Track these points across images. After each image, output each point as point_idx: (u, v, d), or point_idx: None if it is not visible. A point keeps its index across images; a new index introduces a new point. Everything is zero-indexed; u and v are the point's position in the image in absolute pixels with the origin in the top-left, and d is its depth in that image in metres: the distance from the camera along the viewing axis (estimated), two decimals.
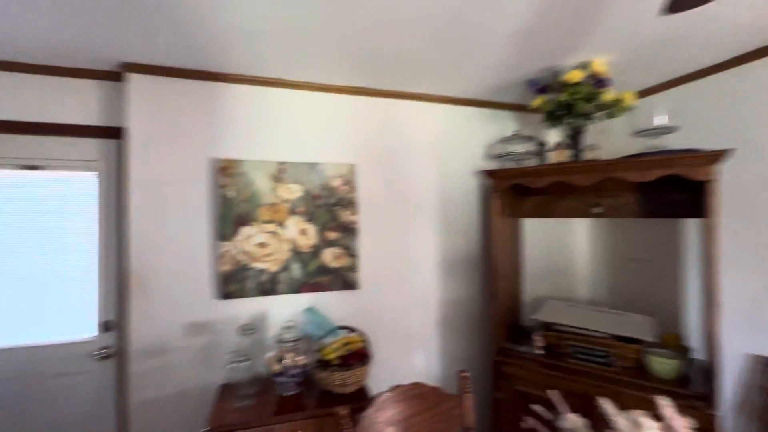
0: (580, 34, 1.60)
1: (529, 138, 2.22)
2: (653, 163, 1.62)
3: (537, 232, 2.44)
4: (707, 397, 1.51)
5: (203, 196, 1.92)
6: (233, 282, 1.93)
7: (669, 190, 1.87)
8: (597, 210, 2.08)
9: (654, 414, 0.90)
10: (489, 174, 2.11)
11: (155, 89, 1.86)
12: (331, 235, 2.09)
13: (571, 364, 1.85)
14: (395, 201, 2.24)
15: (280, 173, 2.01)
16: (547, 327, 2.02)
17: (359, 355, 1.80)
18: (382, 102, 2.21)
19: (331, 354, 1.76)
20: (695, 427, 0.90)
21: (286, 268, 2.01)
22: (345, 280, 2.11)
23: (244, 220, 1.95)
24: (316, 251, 2.06)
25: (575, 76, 1.79)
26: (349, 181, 2.12)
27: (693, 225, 1.97)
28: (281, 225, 2.01)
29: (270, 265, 1.99)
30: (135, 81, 1.84)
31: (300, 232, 2.04)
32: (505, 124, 2.44)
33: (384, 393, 1.24)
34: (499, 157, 2.31)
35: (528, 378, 1.94)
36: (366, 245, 2.16)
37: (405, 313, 2.25)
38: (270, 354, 1.78)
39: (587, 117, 1.88)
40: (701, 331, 1.85)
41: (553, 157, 1.97)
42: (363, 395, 1.75)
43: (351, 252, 2.12)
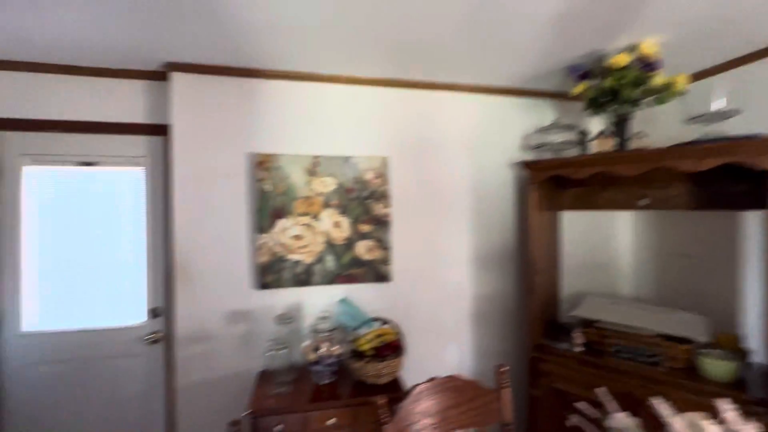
0: (627, 14, 1.51)
1: (569, 127, 2.12)
2: (710, 151, 1.51)
3: (576, 225, 2.34)
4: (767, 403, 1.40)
5: (242, 189, 1.99)
6: (270, 273, 1.99)
7: (726, 179, 1.74)
8: (643, 202, 1.97)
9: (711, 418, 0.84)
10: (526, 165, 2.05)
11: (197, 87, 1.94)
12: (364, 228, 2.10)
13: (614, 362, 1.77)
14: (428, 194, 2.22)
15: (314, 167, 2.04)
16: (587, 324, 1.94)
17: (393, 347, 1.81)
18: (415, 93, 2.19)
19: (366, 345, 1.78)
20: None
21: (320, 259, 2.05)
22: (378, 272, 2.12)
23: (280, 213, 2.00)
24: (349, 243, 2.08)
25: (621, 59, 1.69)
26: (382, 174, 2.12)
27: (753, 218, 1.82)
28: (316, 218, 2.04)
29: (305, 257, 2.03)
30: (178, 80, 1.92)
31: (334, 224, 2.07)
32: (543, 113, 2.35)
33: (420, 384, 1.23)
34: (537, 148, 2.23)
35: (567, 376, 1.88)
36: (398, 238, 2.16)
37: (437, 307, 2.23)
38: (306, 343, 1.82)
39: (634, 103, 1.77)
40: (761, 332, 1.71)
41: (596, 147, 1.88)
42: (397, 387, 1.76)
43: (384, 245, 2.12)
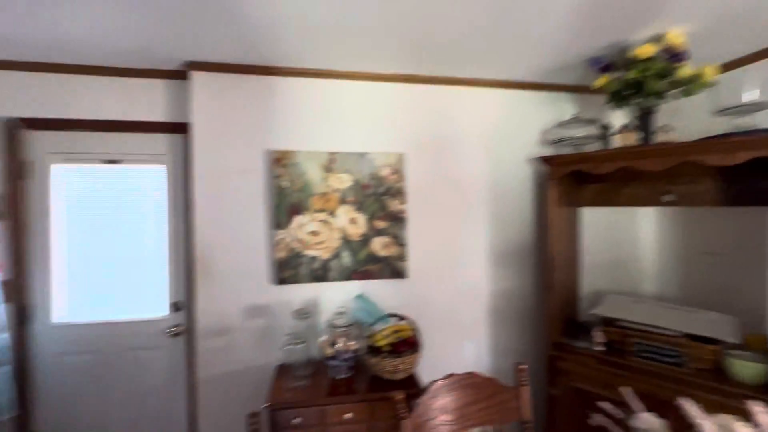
0: (652, 3, 1.46)
1: (591, 121, 2.07)
2: (741, 144, 1.44)
3: (596, 222, 2.29)
4: None
5: (260, 186, 2.02)
6: (288, 268, 2.02)
7: (756, 174, 1.67)
8: (668, 198, 1.91)
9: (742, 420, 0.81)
10: (545, 160, 2.01)
11: (215, 85, 1.97)
12: (380, 224, 2.10)
13: (636, 362, 1.73)
14: (445, 190, 2.20)
15: (330, 163, 2.05)
16: (608, 322, 1.90)
17: (409, 343, 1.81)
18: (431, 89, 2.17)
19: (382, 341, 1.79)
20: None
21: (336, 255, 2.06)
22: (394, 268, 2.12)
23: (297, 209, 2.02)
24: (365, 240, 2.09)
25: (646, 50, 1.64)
26: (398, 170, 2.12)
27: None
28: (332, 214, 2.06)
29: (322, 253, 2.05)
30: (197, 78, 1.95)
31: (350, 221, 2.07)
32: (563, 107, 2.30)
33: (438, 381, 1.23)
34: (556, 143, 2.18)
35: (586, 375, 1.84)
36: (415, 234, 2.15)
37: (454, 304, 2.22)
38: (323, 338, 1.84)
39: (659, 96, 1.71)
40: None
41: (618, 141, 1.83)
42: (413, 383, 1.76)
43: (400, 241, 2.12)
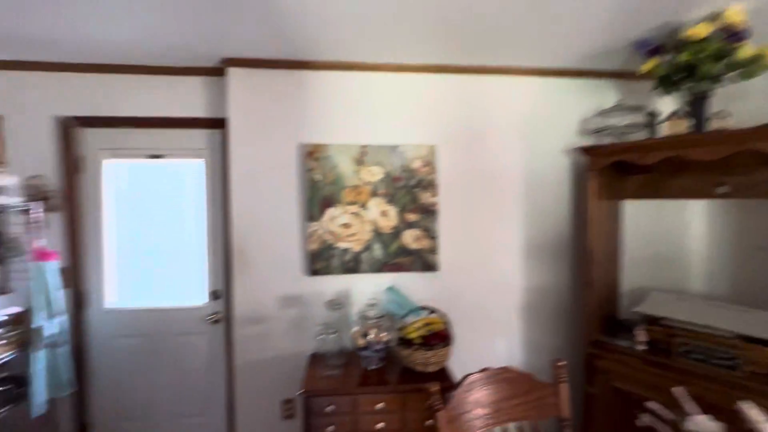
0: None
1: (635, 108, 1.95)
2: None
3: (639, 215, 2.17)
4: None
5: (293, 179, 2.06)
6: (320, 260, 2.05)
7: None
8: (722, 190, 1.78)
9: None
10: (585, 151, 1.92)
11: (251, 81, 2.02)
12: (412, 217, 2.09)
13: (683, 364, 1.64)
14: (477, 182, 2.16)
15: (362, 156, 2.06)
16: (652, 321, 1.81)
17: (441, 336, 1.81)
18: (464, 79, 2.12)
19: (413, 333, 1.79)
20: None
21: (368, 248, 2.08)
22: (425, 261, 2.11)
23: (329, 201, 2.05)
24: (396, 232, 2.09)
25: (701, 30, 1.52)
26: (430, 163, 2.09)
27: None
28: (363, 206, 2.07)
29: (353, 245, 2.07)
30: (234, 75, 2.01)
31: (381, 213, 2.08)
32: (604, 94, 2.18)
33: (473, 374, 1.22)
34: (597, 132, 2.08)
35: (627, 375, 1.77)
36: (446, 227, 2.13)
37: (486, 298, 2.19)
38: (355, 329, 1.87)
39: (714, 79, 1.59)
40: None
41: (667, 129, 1.71)
42: (445, 376, 1.76)
43: (431, 234, 2.11)
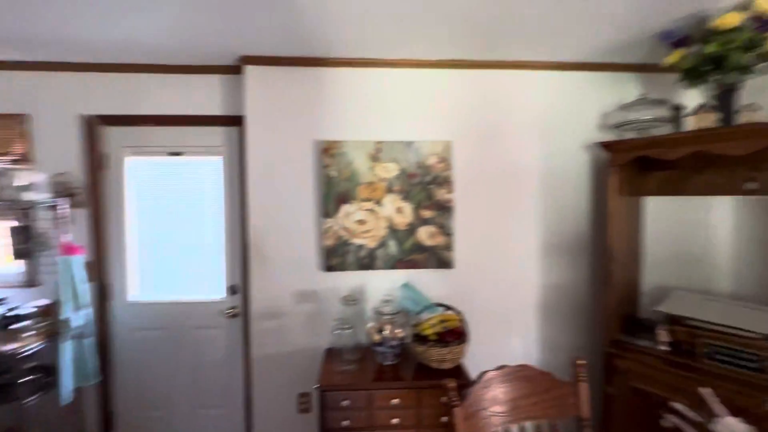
0: None
1: (659, 102, 1.89)
2: None
3: (662, 212, 2.10)
4: None
5: (309, 176, 2.07)
6: (335, 256, 2.07)
7: None
8: (751, 186, 1.71)
9: None
10: (606, 146, 1.87)
11: (267, 78, 2.04)
12: (427, 214, 2.08)
13: (708, 365, 1.59)
14: (494, 178, 2.13)
15: (377, 152, 2.06)
16: (674, 321, 1.76)
17: (456, 333, 1.80)
18: (481, 74, 2.10)
19: (429, 329, 1.79)
20: None
21: (383, 244, 2.08)
22: (440, 258, 2.10)
23: (344, 198, 2.06)
24: (411, 229, 2.08)
25: (730, 20, 1.46)
26: (445, 159, 2.08)
27: None
28: (378, 203, 2.07)
29: (368, 242, 2.07)
30: (251, 72, 2.03)
31: (396, 210, 2.08)
32: (625, 88, 2.12)
33: (490, 371, 1.21)
34: (618, 127, 2.03)
35: (648, 375, 1.72)
36: (462, 224, 2.12)
37: (502, 296, 2.17)
38: (370, 324, 1.88)
39: (744, 70, 1.53)
40: None
41: (693, 123, 1.66)
42: (460, 373, 1.75)
43: (446, 231, 2.09)
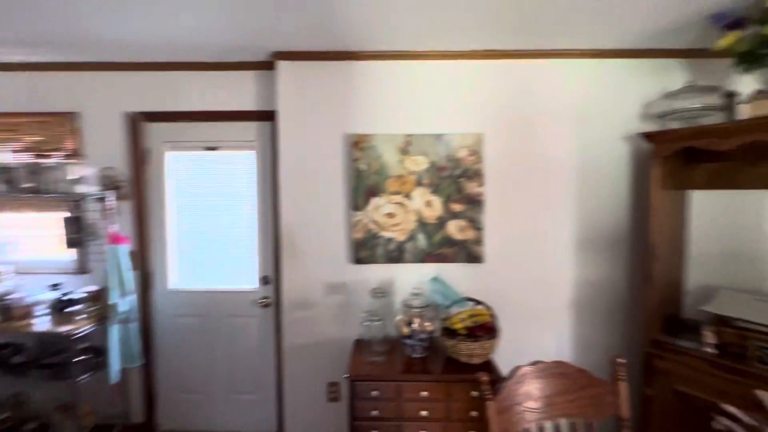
0: None
1: (709, 89, 1.77)
2: None
3: (709, 207, 1.98)
4: None
5: (339, 169, 2.10)
6: (364, 249, 2.09)
7: None
8: None
9: None
10: (649, 137, 1.78)
11: (299, 73, 2.07)
12: (456, 207, 2.06)
13: (759, 369, 1.49)
14: (526, 171, 2.08)
15: (406, 146, 2.05)
16: (722, 322, 1.66)
17: (487, 329, 1.78)
18: (514, 64, 2.04)
19: (458, 324, 1.78)
20: None
21: (412, 238, 2.08)
22: (469, 252, 2.08)
23: (374, 191, 2.07)
24: (441, 223, 2.07)
25: None
26: (476, 152, 2.04)
27: None
28: (408, 196, 2.07)
29: (397, 235, 2.08)
30: (283, 68, 2.07)
31: (425, 203, 2.07)
32: (670, 76, 2.00)
33: (523, 366, 1.19)
34: (663, 117, 1.92)
35: (692, 378, 1.64)
36: (492, 218, 2.08)
37: (533, 291, 2.12)
38: (399, 317, 1.89)
39: None
40: None
41: (749, 111, 1.54)
42: (490, 368, 1.73)
43: (476, 225, 2.06)
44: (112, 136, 2.24)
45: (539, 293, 2.12)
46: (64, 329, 1.92)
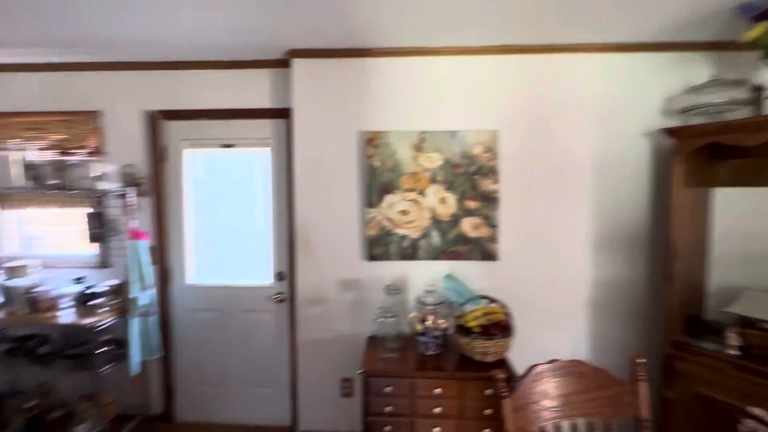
0: None
1: (737, 83, 1.71)
2: None
3: (734, 205, 1.92)
4: None
5: (353, 166, 2.10)
6: (378, 246, 2.09)
7: None
8: None
9: None
10: (671, 133, 1.73)
11: (314, 71, 2.08)
12: (471, 205, 2.05)
13: None
14: (542, 168, 2.05)
15: (420, 142, 2.04)
16: (747, 323, 1.61)
17: (501, 327, 1.76)
18: (530, 59, 2.01)
19: (473, 321, 1.77)
20: None
21: (425, 235, 2.07)
22: (484, 250, 2.06)
23: (387, 188, 2.07)
24: (455, 220, 2.06)
25: None
26: (491, 148, 2.02)
27: None
28: (422, 193, 2.06)
29: (411, 232, 2.08)
30: (298, 65, 2.08)
31: (439, 200, 2.06)
32: (694, 69, 1.94)
33: (540, 364, 1.18)
34: (686, 112, 1.86)
35: (714, 380, 1.60)
36: (507, 215, 2.06)
37: (549, 290, 2.09)
38: (413, 314, 1.89)
39: None
40: None
41: None
42: (504, 367, 1.72)
43: (491, 222, 2.05)
44: (132, 133, 2.30)
45: (555, 292, 2.09)
46: (87, 321, 1.98)
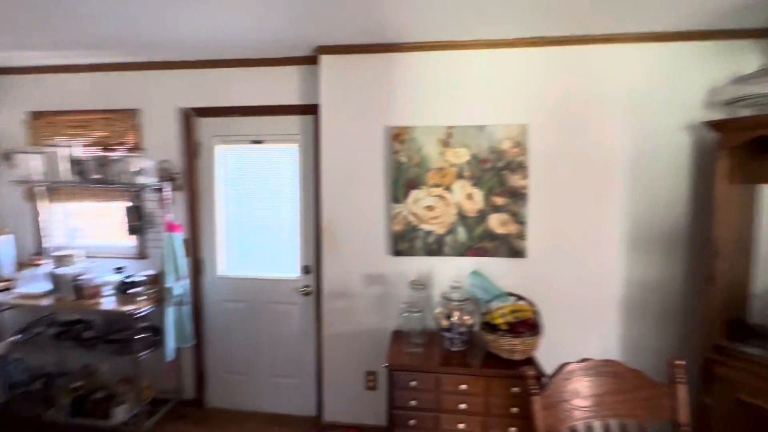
0: None
1: None
2: None
3: None
4: None
5: (379, 161, 2.11)
6: (404, 241, 2.10)
7: None
8: None
9: None
10: (715, 126, 1.64)
11: (341, 67, 2.10)
12: (498, 201, 2.02)
13: None
14: (574, 163, 1.99)
15: (447, 138, 2.03)
16: None
17: (529, 325, 1.74)
18: (562, 51, 1.95)
19: (499, 319, 1.75)
20: None
21: (451, 231, 2.06)
22: (511, 247, 2.03)
23: (414, 183, 2.07)
24: (482, 216, 2.03)
25: None
26: (520, 143, 1.98)
27: None
28: (448, 189, 2.05)
29: (437, 228, 2.07)
30: (325, 62, 2.11)
31: (466, 196, 2.04)
32: (741, 58, 1.83)
33: (571, 363, 1.16)
34: (732, 104, 1.76)
35: (759, 388, 1.52)
36: (536, 212, 2.02)
37: (579, 289, 2.03)
38: (439, 310, 1.88)
39: None
40: None
41: None
42: (532, 365, 1.69)
43: (519, 219, 2.01)
44: (167, 130, 2.39)
45: (586, 291, 2.03)
46: (127, 309, 2.09)
